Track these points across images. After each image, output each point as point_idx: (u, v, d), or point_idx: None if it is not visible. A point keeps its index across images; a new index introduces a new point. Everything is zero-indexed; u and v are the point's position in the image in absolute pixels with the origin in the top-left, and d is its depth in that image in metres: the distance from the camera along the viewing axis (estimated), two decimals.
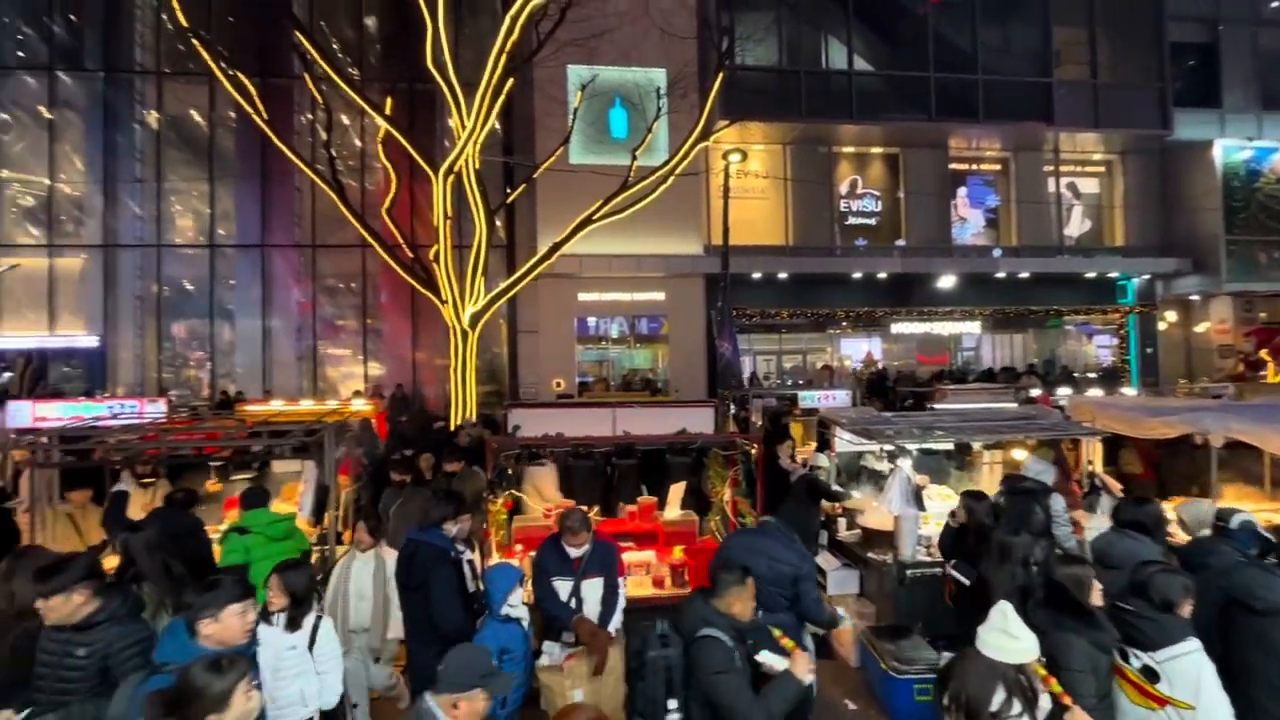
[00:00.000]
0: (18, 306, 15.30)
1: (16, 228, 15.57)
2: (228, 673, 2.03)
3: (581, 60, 13.58)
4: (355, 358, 16.58)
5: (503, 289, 11.89)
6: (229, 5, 15.37)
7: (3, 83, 15.50)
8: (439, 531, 3.71)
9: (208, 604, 2.47)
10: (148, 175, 15.82)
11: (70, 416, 7.18)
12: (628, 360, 16.87)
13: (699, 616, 2.79)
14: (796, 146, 16.63)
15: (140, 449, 5.11)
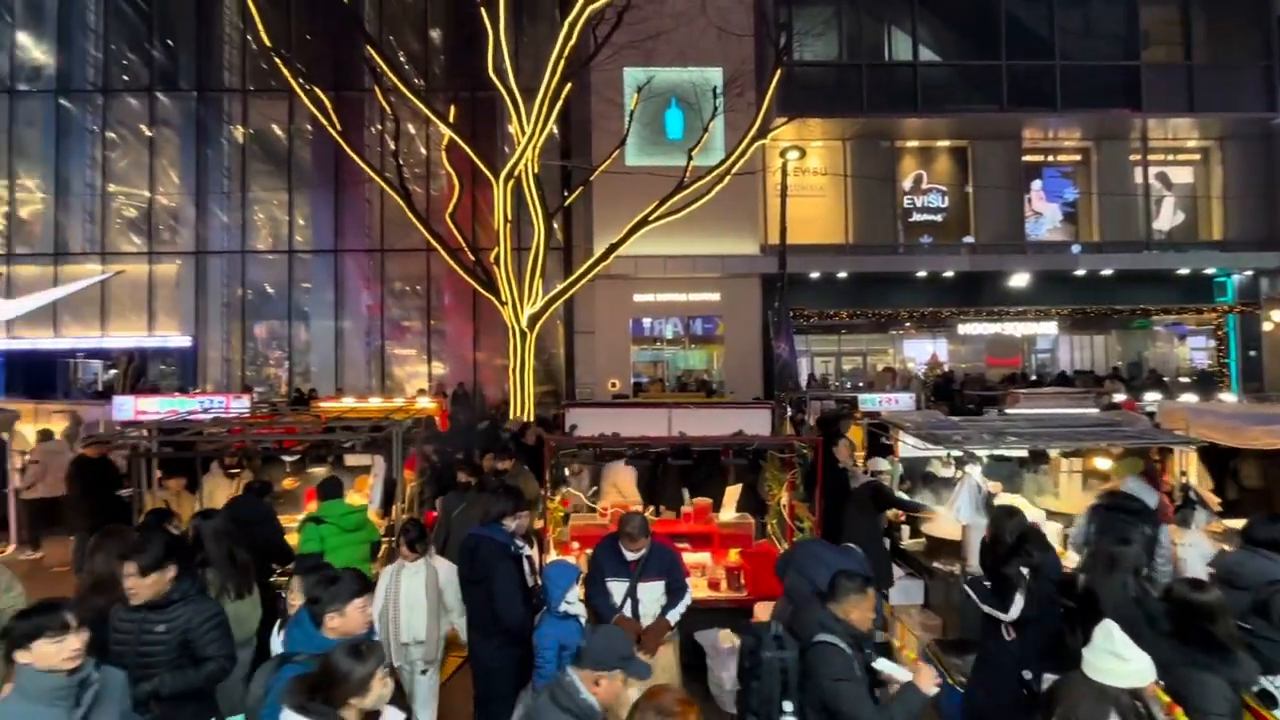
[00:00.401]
0: (122, 309, 16.69)
1: (121, 237, 16.99)
2: (368, 659, 2.12)
3: (638, 62, 13.65)
4: (420, 357, 17.23)
5: (560, 290, 12.09)
6: (306, 24, 16.30)
7: (110, 104, 16.95)
8: (500, 527, 3.80)
9: (334, 598, 2.59)
10: (234, 186, 16.94)
11: (166, 411, 7.79)
12: (682, 361, 16.84)
13: (816, 621, 2.74)
14: (857, 142, 16.19)
15: (227, 441, 5.49)
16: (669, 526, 5.57)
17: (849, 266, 15.85)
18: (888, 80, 15.39)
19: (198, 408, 7.63)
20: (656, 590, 3.72)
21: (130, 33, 17.05)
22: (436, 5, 16.96)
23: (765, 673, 2.68)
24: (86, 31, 16.83)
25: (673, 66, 14.47)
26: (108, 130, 16.93)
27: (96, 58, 16.84)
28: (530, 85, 11.44)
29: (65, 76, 16.78)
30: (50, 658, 2.19)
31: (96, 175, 16.78)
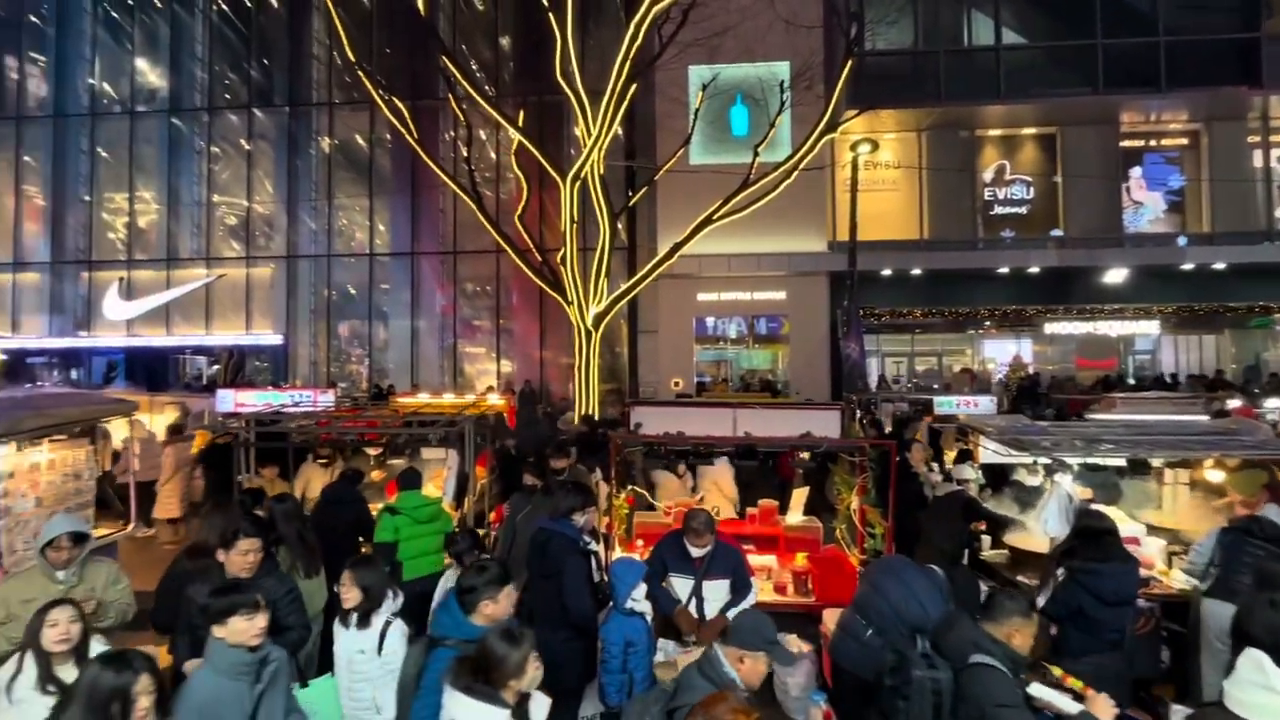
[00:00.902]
0: (223, 310, 18.12)
1: (223, 243, 18.44)
2: (522, 643, 2.23)
3: (703, 60, 13.57)
4: (489, 355, 17.80)
5: (624, 290, 12.19)
6: (386, 38, 17.16)
7: (214, 122, 18.43)
8: (569, 522, 3.86)
9: (489, 584, 2.69)
10: (320, 194, 18.05)
11: (262, 404, 8.40)
12: (746, 360, 16.62)
13: (969, 640, 2.57)
14: (933, 133, 15.48)
15: (316, 433, 5.87)
16: (733, 527, 5.51)
17: (924, 263, 15.18)
18: (967, 66, 14.62)
19: (289, 401, 8.18)
20: (721, 588, 3.70)
21: (231, 54, 18.48)
22: (506, 14, 17.45)
23: (916, 693, 2.54)
24: (194, 55, 18.36)
25: (738, 62, 14.29)
26: (212, 145, 18.41)
27: (202, 79, 18.35)
28: (596, 88, 11.59)
29: (176, 97, 18.37)
30: (242, 634, 2.38)
31: (202, 187, 18.29)
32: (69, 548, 3.10)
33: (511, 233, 12.58)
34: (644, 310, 16.07)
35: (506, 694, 2.19)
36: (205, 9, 18.26)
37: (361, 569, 3.15)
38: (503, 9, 17.51)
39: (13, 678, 2.53)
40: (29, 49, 18.89)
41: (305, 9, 17.87)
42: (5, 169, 18.80)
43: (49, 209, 18.60)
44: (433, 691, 2.34)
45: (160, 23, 18.47)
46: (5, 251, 18.76)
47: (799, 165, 11.47)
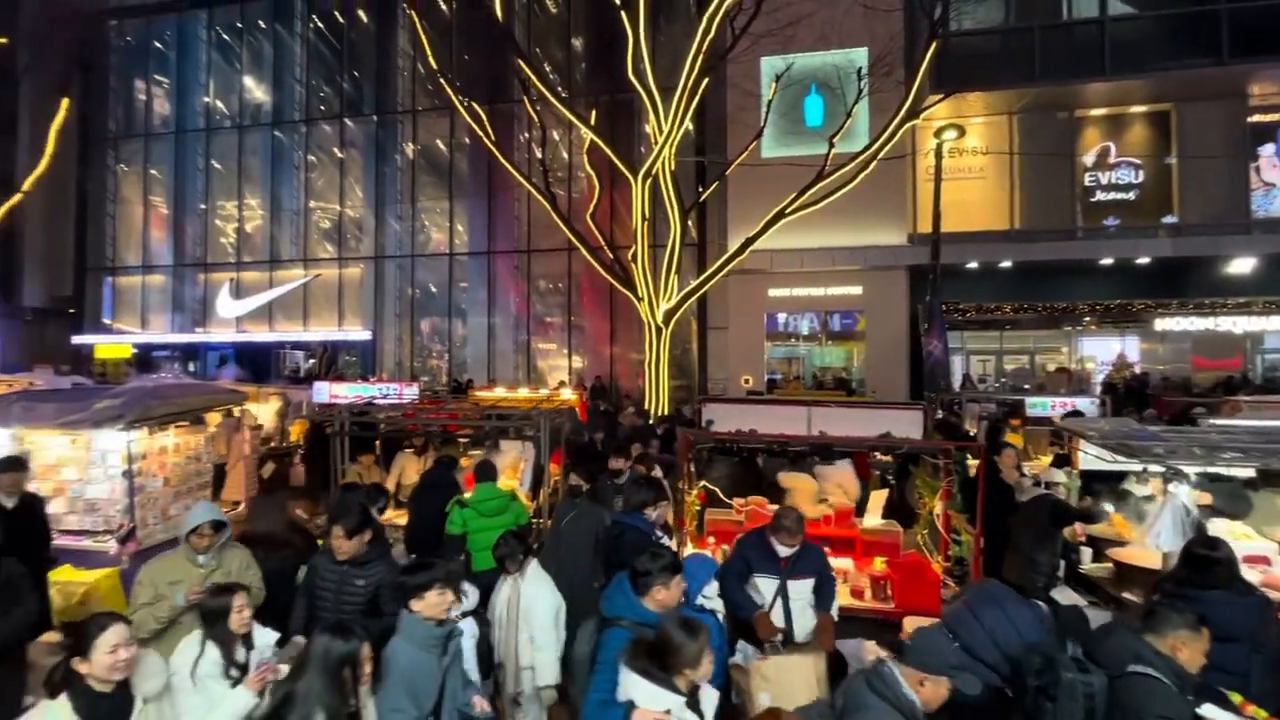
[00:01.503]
0: (318, 308, 19.44)
1: (318, 245, 19.76)
2: (699, 635, 2.27)
3: (776, 50, 13.25)
4: (560, 352, 18.21)
5: (694, 286, 12.13)
6: (465, 45, 17.82)
7: (311, 132, 19.76)
8: (642, 516, 3.93)
9: (663, 571, 2.71)
10: (404, 198, 19.01)
11: (353, 395, 8.96)
12: (818, 358, 16.18)
13: (1128, 649, 2.46)
14: (1027, 115, 14.47)
15: (403, 424, 6.20)
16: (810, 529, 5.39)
17: (1015, 255, 14.24)
18: (1066, 41, 13.55)
19: (377, 394, 8.68)
20: (806, 588, 3.65)
21: (325, 69, 19.74)
22: (578, 16, 17.73)
23: (1065, 695, 2.42)
24: (293, 72, 19.75)
25: (813, 51, 13.89)
26: (309, 155, 19.76)
27: (300, 93, 19.71)
28: (667, 84, 11.57)
29: (278, 111, 19.83)
30: (436, 608, 2.54)
31: (300, 194, 19.67)
32: (210, 535, 3.31)
33: (583, 231, 12.79)
34: (714, 306, 15.96)
35: (680, 681, 2.23)
36: (303, 28, 19.59)
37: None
38: (575, 11, 17.80)
39: (196, 660, 2.61)
40: (155, 73, 20.92)
41: (391, 22, 18.83)
42: (135, 182, 20.94)
43: (171, 217, 20.55)
44: (609, 668, 2.42)
45: (264, 43, 19.98)
46: (136, 256, 20.91)
47: (878, 155, 11.03)
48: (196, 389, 6.69)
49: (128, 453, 5.40)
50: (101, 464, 5.62)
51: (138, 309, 20.86)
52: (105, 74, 20.74)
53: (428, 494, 5.09)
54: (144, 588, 3.21)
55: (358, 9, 19.17)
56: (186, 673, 2.56)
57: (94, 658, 2.25)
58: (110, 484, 5.57)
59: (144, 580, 3.24)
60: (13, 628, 3.27)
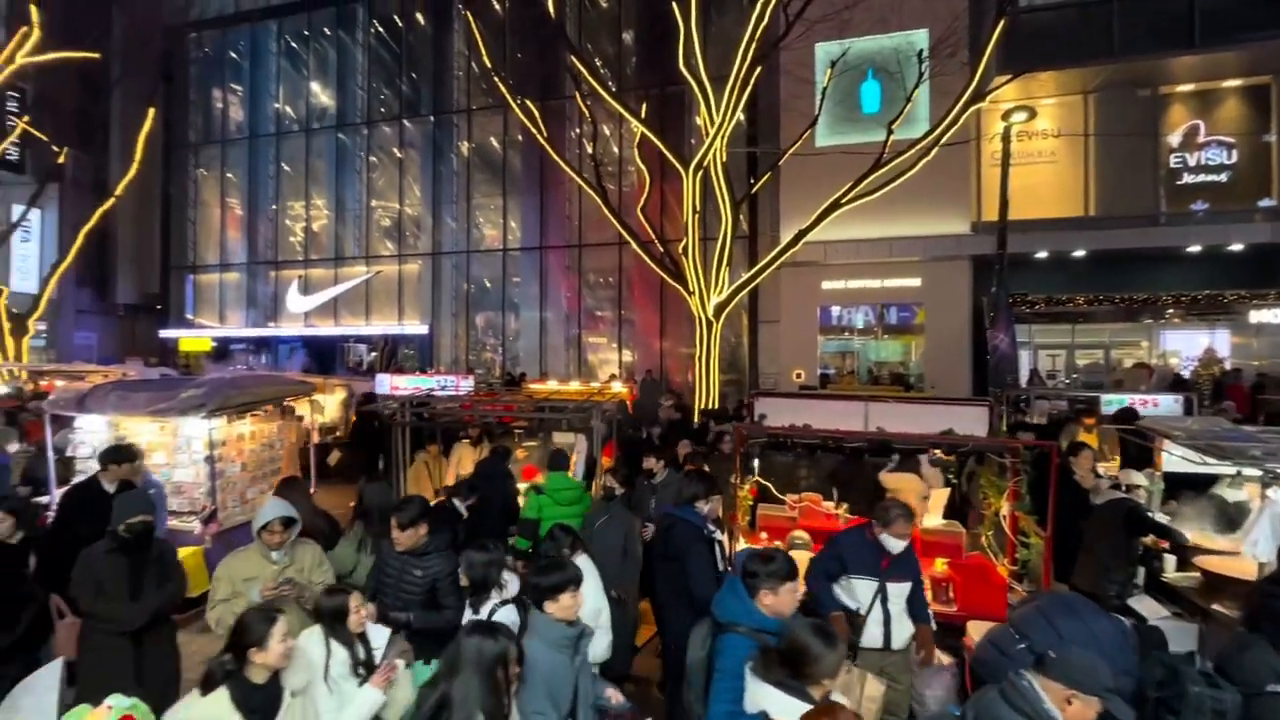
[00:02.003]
0: (379, 303, 20.21)
1: (379, 243, 20.52)
2: (838, 645, 2.16)
3: (831, 36, 12.91)
4: (611, 345, 18.33)
5: (746, 279, 11.99)
6: (518, 43, 18.09)
7: (372, 134, 20.50)
8: (693, 509, 3.93)
9: (770, 576, 2.58)
10: (460, 195, 19.50)
11: (413, 387, 9.28)
12: (874, 352, 15.72)
13: (1268, 667, 2.35)
14: (1104, 93, 13.57)
15: (459, 415, 6.39)
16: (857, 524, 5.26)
17: (1089, 243, 13.43)
18: (1150, 12, 12.61)
19: (435, 385, 8.96)
20: (904, 592, 3.46)
21: (385, 72, 20.42)
22: (629, 10, 17.71)
23: (1191, 710, 2.33)
24: (355, 75, 20.51)
25: (871, 35, 13.44)
26: (370, 155, 20.51)
27: (362, 96, 20.46)
28: (719, 74, 11.44)
29: (341, 114, 20.66)
30: (568, 610, 2.56)
31: (363, 193, 20.46)
32: (280, 531, 3.31)
33: (634, 224, 12.81)
34: (765, 300, 15.73)
35: (816, 691, 2.13)
36: (365, 34, 20.31)
37: (472, 552, 3.20)
38: (625, 5, 17.79)
39: (326, 660, 2.61)
40: (230, 82, 22.13)
41: (447, 24, 19.30)
42: (213, 185, 22.24)
43: (245, 218, 21.75)
44: (732, 677, 2.34)
45: (329, 49, 20.83)
46: (214, 255, 22.24)
47: (940, 140, 10.59)
48: (270, 380, 7.07)
49: (209, 439, 5.77)
50: (186, 449, 6.03)
51: (216, 305, 22.21)
52: (186, 84, 22.09)
53: (483, 483, 5.24)
54: (221, 583, 3.27)
55: (415, 12, 19.73)
56: (320, 672, 2.58)
57: (271, 646, 2.30)
58: (194, 468, 5.97)
59: (221, 576, 3.29)
60: (167, 598, 3.52)
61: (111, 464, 4.67)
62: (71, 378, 10.83)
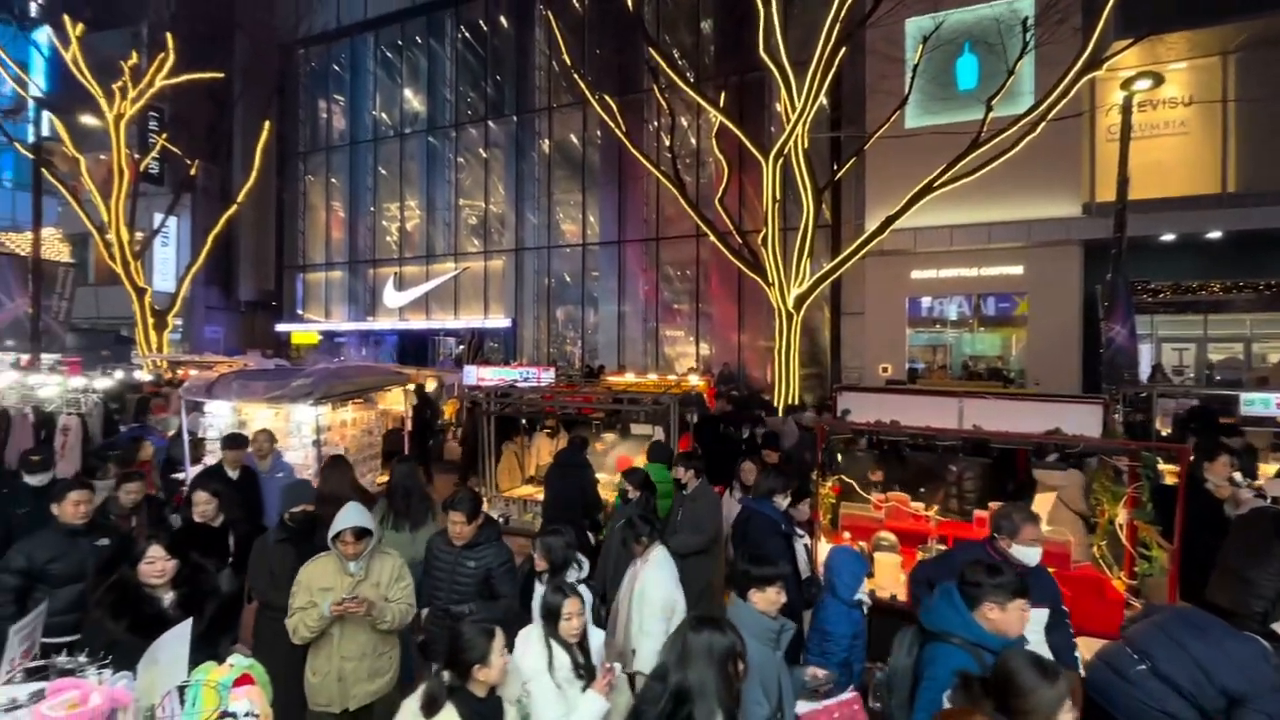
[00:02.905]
0: (466, 298, 21.13)
1: (466, 241, 21.44)
2: (1057, 680, 1.90)
3: (924, 10, 12.18)
4: (688, 338, 18.27)
5: (829, 269, 11.58)
6: (596, 39, 18.29)
7: (459, 136, 21.40)
8: (770, 503, 3.87)
9: (998, 589, 2.36)
10: (541, 192, 20.01)
11: (497, 379, 9.64)
12: (969, 345, 14.77)
13: None
14: (1247, 54, 12.03)
15: (541, 405, 6.57)
16: (958, 530, 4.95)
17: (1226, 222, 11.97)
18: None
19: (518, 377, 9.26)
20: (1041, 620, 2.94)
21: (472, 76, 21.24)
22: None
23: None
24: (444, 80, 21.46)
25: (967, 7, 12.57)
26: (458, 157, 21.44)
27: (450, 101, 21.39)
28: (800, 58, 11.07)
29: (431, 118, 21.69)
30: (773, 603, 2.58)
31: (451, 193, 21.43)
32: (353, 542, 3.09)
33: (712, 216, 12.67)
34: (849, 291, 15.15)
35: None
36: (452, 40, 21.20)
37: (549, 537, 3.24)
38: None
39: (549, 664, 2.58)
40: (334, 93, 23.77)
41: (529, 25, 19.79)
42: (319, 190, 24.01)
43: (347, 220, 23.34)
44: (939, 686, 2.24)
45: (420, 57, 21.91)
46: (320, 255, 24.03)
47: (1047, 115, 9.75)
48: (370, 370, 7.55)
49: (316, 424, 6.24)
50: (297, 434, 6.55)
51: (323, 301, 24.02)
52: (296, 97, 23.93)
53: (562, 472, 5.36)
54: (300, 590, 3.11)
55: (500, 16, 20.37)
56: (546, 677, 2.54)
57: (493, 662, 2.28)
58: (304, 451, 6.47)
59: (301, 581, 3.14)
60: None
61: (231, 449, 5.09)
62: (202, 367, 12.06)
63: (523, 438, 6.78)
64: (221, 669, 2.07)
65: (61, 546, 3.41)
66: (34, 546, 3.38)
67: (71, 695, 1.90)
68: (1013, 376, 13.21)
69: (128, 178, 16.42)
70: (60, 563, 3.36)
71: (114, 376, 9.74)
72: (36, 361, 12.40)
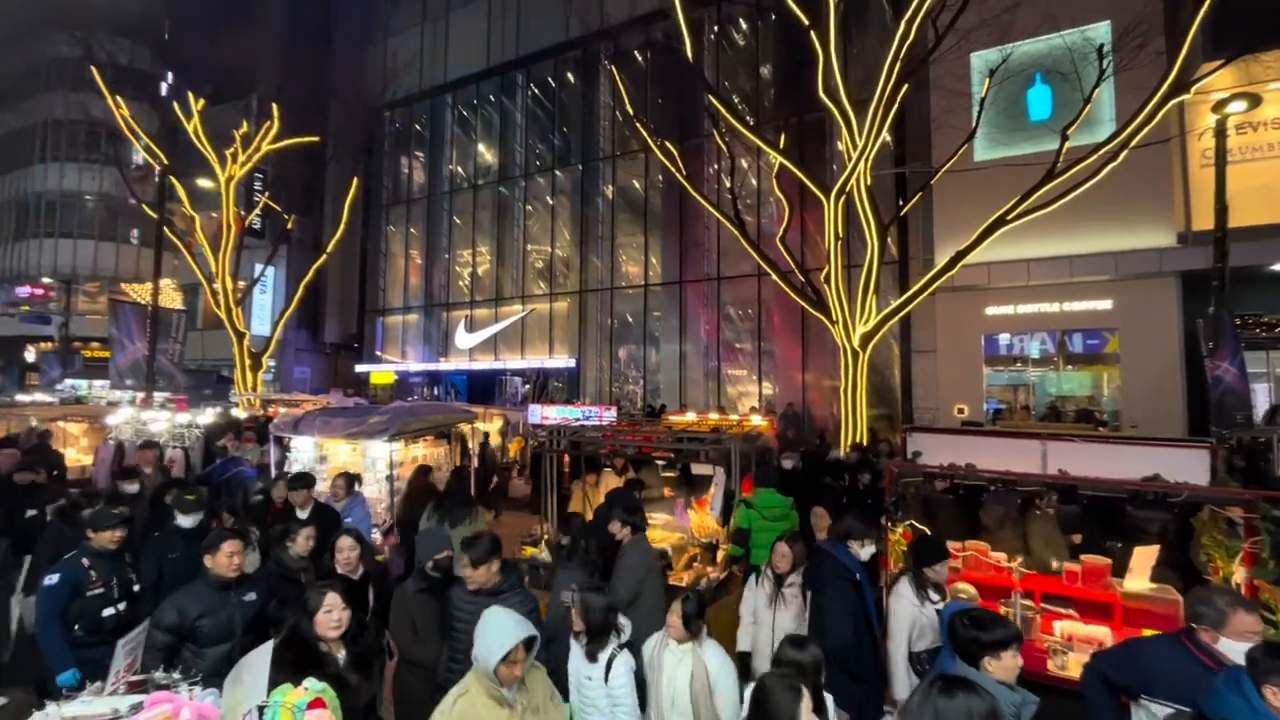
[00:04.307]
0: (533, 339, 21.79)
1: (533, 283, 22.25)
2: None
3: (989, 43, 11.98)
4: (750, 377, 18.05)
5: (896, 306, 11.25)
6: (658, 89, 18.97)
7: (528, 185, 22.48)
8: (845, 548, 3.73)
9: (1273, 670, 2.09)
10: (605, 235, 20.61)
11: (561, 418, 9.82)
12: (1054, 385, 13.86)
13: None
14: None
15: (603, 444, 6.63)
16: (1048, 585, 4.59)
17: None
18: None
19: (581, 416, 9.40)
20: None
21: (540, 129, 22.42)
22: (765, 44, 17.87)
23: None
24: (514, 134, 22.74)
25: (1036, 37, 12.28)
26: (526, 204, 22.48)
27: (520, 152, 22.60)
28: (861, 97, 11.07)
29: (502, 169, 22.95)
30: (1010, 670, 2.36)
31: (519, 239, 22.42)
32: (524, 658, 2.45)
33: (774, 255, 12.64)
34: (918, 328, 14.63)
35: None
36: (522, 96, 22.53)
37: (590, 594, 2.94)
38: (762, 39, 17.98)
39: None
40: (414, 149, 25.60)
41: (594, 79, 20.80)
42: (399, 238, 25.66)
43: (424, 266, 24.76)
44: None
45: (493, 113, 23.36)
46: (398, 299, 25.50)
47: (1130, 141, 9.28)
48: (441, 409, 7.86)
49: (390, 459, 6.53)
50: (373, 469, 6.87)
51: (399, 342, 25.36)
52: (381, 154, 25.93)
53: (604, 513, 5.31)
54: None
55: (566, 72, 21.53)
56: None
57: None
58: (378, 485, 6.77)
59: None
60: None
61: (298, 489, 5.00)
62: (289, 405, 12.92)
63: (593, 476, 6.78)
64: (297, 691, 2.17)
65: (212, 601, 3.18)
66: (186, 600, 3.13)
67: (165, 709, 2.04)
68: (1106, 419, 12.27)
69: (234, 232, 18.13)
70: (209, 619, 3.12)
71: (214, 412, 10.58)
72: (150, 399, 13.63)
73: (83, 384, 24.36)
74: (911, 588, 3.55)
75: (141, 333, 17.59)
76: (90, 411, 11.64)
